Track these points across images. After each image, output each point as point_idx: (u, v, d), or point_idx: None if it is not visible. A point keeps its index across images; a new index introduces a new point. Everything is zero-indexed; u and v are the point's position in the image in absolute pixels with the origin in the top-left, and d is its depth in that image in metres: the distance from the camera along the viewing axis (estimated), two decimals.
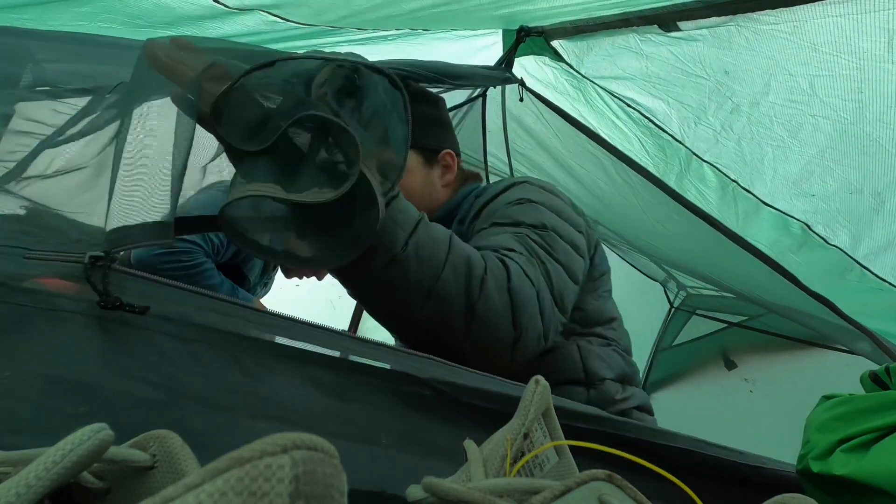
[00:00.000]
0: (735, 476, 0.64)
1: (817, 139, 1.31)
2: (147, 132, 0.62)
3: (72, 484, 0.26)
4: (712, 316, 2.88)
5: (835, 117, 1.22)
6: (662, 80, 1.49)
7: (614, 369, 0.97)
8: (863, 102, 1.14)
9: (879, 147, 1.21)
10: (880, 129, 1.17)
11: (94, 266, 0.47)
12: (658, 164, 1.76)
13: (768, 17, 1.14)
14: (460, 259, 0.70)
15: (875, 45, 1.03)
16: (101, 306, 0.46)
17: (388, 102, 0.60)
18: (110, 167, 0.60)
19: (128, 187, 0.59)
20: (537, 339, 0.76)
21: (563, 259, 0.85)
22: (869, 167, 1.27)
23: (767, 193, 1.57)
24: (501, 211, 0.92)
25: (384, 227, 0.63)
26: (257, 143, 0.56)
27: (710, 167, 1.63)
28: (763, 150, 1.45)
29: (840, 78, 1.13)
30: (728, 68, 1.32)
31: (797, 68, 1.19)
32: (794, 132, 1.33)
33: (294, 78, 0.58)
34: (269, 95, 0.57)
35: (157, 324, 0.48)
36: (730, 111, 1.42)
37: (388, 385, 0.54)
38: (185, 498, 0.15)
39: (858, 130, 1.21)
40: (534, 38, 1.69)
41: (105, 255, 0.48)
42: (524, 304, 0.74)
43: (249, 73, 0.55)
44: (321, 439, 0.18)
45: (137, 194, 0.59)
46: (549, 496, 0.27)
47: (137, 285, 0.50)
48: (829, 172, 1.37)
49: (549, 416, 0.37)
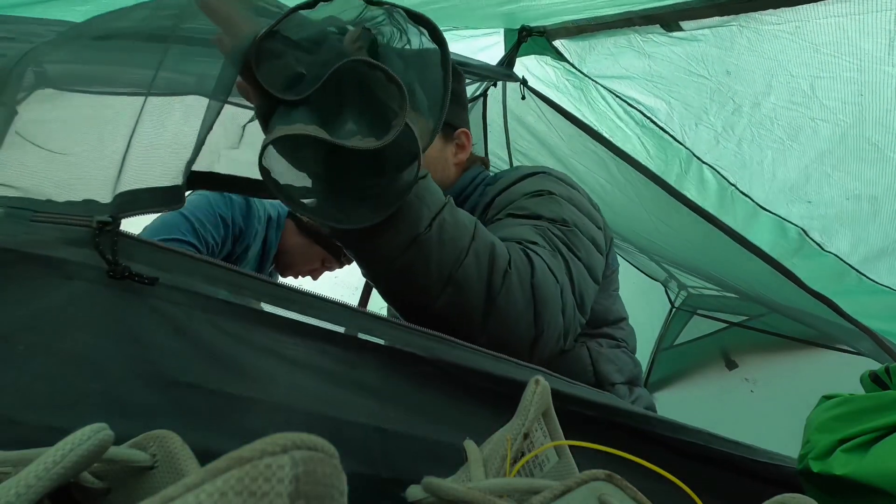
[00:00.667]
0: (741, 468, 0.64)
1: (816, 143, 1.30)
2: (174, 100, 0.61)
3: (72, 484, 0.26)
4: (713, 316, 2.88)
5: (834, 121, 1.22)
6: (664, 79, 1.48)
7: (624, 372, 0.95)
8: (863, 105, 1.14)
9: (878, 152, 1.20)
10: (879, 133, 1.16)
11: (103, 231, 0.47)
12: (658, 166, 1.76)
13: (770, 17, 1.14)
14: (484, 247, 0.66)
15: (876, 47, 1.03)
16: (110, 275, 0.46)
17: (426, 59, 0.56)
18: (131, 127, 0.59)
19: (144, 150, 0.57)
20: (557, 339, 0.73)
21: (585, 257, 0.81)
22: (866, 173, 1.27)
23: (765, 198, 1.58)
24: (519, 202, 0.87)
25: (409, 204, 0.60)
26: (295, 92, 0.53)
27: (710, 170, 1.63)
28: (763, 152, 1.45)
29: (841, 80, 1.13)
30: (730, 68, 1.31)
31: (798, 69, 1.19)
32: (793, 135, 1.33)
33: (331, 25, 0.55)
34: (305, 42, 0.55)
35: (167, 293, 0.48)
36: (731, 112, 1.41)
37: (396, 362, 0.54)
38: (185, 498, 0.15)
39: (857, 134, 1.20)
40: (535, 38, 1.69)
41: (112, 220, 0.48)
42: (547, 301, 0.70)
43: (288, 16, 0.52)
44: (321, 439, 0.18)
45: (153, 159, 0.57)
46: (549, 496, 0.27)
47: (145, 253, 0.50)
48: (827, 178, 1.36)
49: (549, 416, 0.37)
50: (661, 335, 3.16)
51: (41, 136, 0.59)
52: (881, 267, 1.46)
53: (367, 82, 0.55)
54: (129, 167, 0.56)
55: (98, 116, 0.66)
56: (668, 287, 3.10)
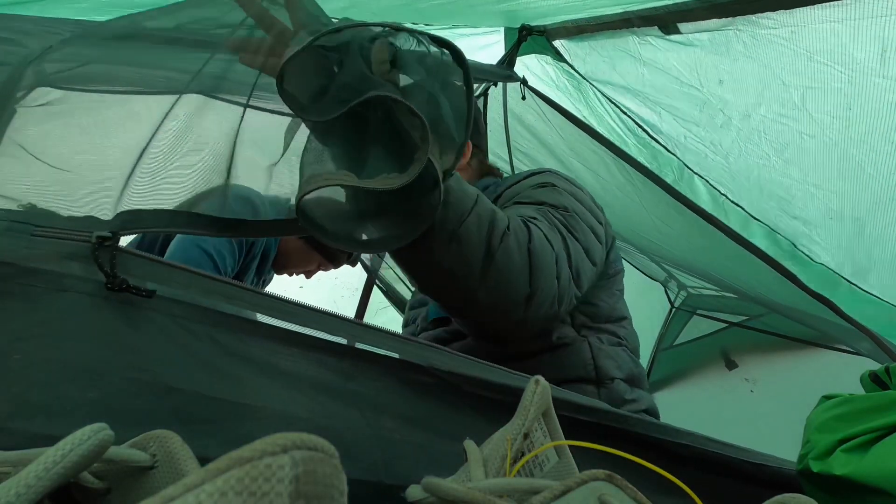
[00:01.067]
0: (737, 471, 0.64)
1: (802, 159, 1.30)
2: (193, 123, 0.64)
3: (72, 484, 0.26)
4: (713, 316, 2.88)
5: (821, 136, 1.21)
6: (657, 89, 1.48)
7: (623, 369, 0.96)
8: (850, 120, 1.13)
9: (860, 170, 1.20)
10: (863, 150, 1.16)
11: (102, 246, 0.47)
12: None
13: (767, 21, 1.14)
14: (485, 211, 0.72)
15: (868, 56, 1.02)
16: (108, 287, 0.46)
17: (449, 78, 0.60)
18: (142, 146, 0.60)
19: (152, 171, 0.59)
20: (551, 301, 0.78)
21: (583, 239, 0.87)
22: (849, 191, 1.27)
23: (756, 210, 1.59)
24: (524, 192, 0.95)
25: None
26: (318, 112, 0.56)
27: (701, 180, 1.65)
28: (749, 167, 1.45)
29: (831, 92, 1.13)
30: (723, 77, 1.31)
31: (791, 78, 1.18)
32: (780, 150, 1.32)
33: (356, 48, 0.58)
34: (330, 65, 0.58)
35: (164, 306, 0.48)
36: (720, 125, 1.41)
37: (392, 372, 0.54)
38: (185, 498, 0.15)
39: (842, 153, 1.20)
40: (535, 37, 1.69)
41: (112, 236, 0.48)
42: (541, 266, 0.75)
43: (317, 39, 0.55)
44: (321, 439, 0.18)
45: (160, 180, 0.60)
46: (549, 496, 0.27)
47: (143, 267, 0.50)
48: (811, 197, 1.37)
49: (549, 416, 0.37)
50: (660, 335, 3.16)
51: (43, 148, 0.59)
52: (872, 280, 1.47)
53: (392, 111, 0.59)
54: (134, 185, 0.57)
55: (108, 125, 0.67)
56: (667, 287, 3.09)
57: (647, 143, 1.71)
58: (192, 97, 0.66)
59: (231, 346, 0.49)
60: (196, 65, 0.67)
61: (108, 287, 0.46)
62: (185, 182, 0.61)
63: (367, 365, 0.54)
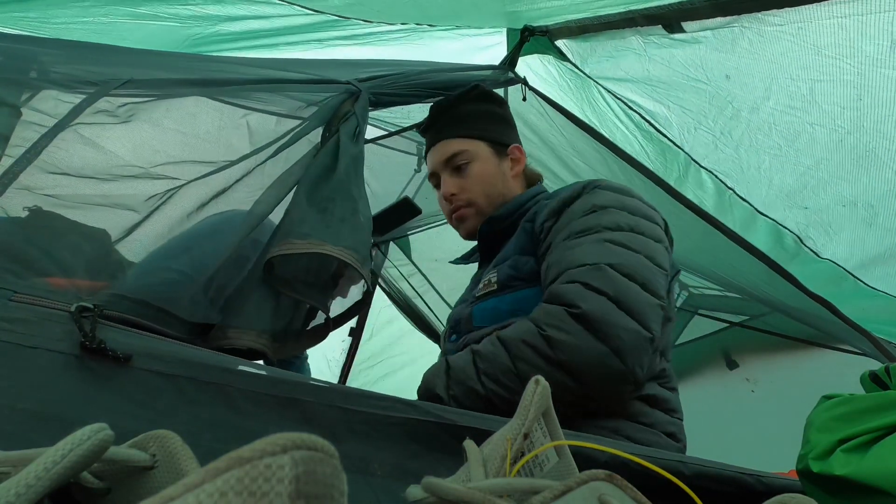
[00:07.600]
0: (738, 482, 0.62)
1: (813, 149, 1.30)
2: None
3: (72, 484, 0.26)
4: (714, 316, 2.87)
5: (832, 126, 1.22)
6: (664, 83, 1.48)
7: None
8: (861, 111, 1.14)
9: (875, 158, 1.20)
10: (877, 139, 1.16)
11: (82, 316, 0.47)
12: (657, 168, 1.76)
13: (773, 18, 1.14)
14: (515, 343, 0.78)
15: (877, 49, 1.03)
16: (84, 347, 0.46)
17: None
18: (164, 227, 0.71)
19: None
20: (636, 338, 0.76)
21: (643, 249, 0.86)
22: (863, 179, 1.27)
23: (763, 203, 1.58)
24: (577, 221, 0.93)
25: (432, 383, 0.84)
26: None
27: (708, 174, 1.64)
28: (760, 158, 1.44)
29: (840, 84, 1.13)
30: (730, 72, 1.31)
31: (799, 72, 1.18)
32: (791, 140, 1.33)
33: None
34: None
35: (141, 360, 0.47)
36: (730, 117, 1.41)
37: (379, 414, 0.53)
38: (185, 498, 0.15)
39: (855, 141, 1.20)
40: (538, 38, 1.68)
41: (93, 308, 0.48)
42: (598, 320, 0.75)
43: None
44: (321, 439, 0.18)
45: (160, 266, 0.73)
46: (549, 496, 0.27)
47: (121, 334, 0.50)
48: (823, 185, 1.37)
49: (549, 416, 0.37)
50: None
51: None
52: (877, 273, 1.46)
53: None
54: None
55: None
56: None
57: (653, 138, 1.69)
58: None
59: (207, 405, 0.48)
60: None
61: (83, 346, 0.45)
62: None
63: (352, 425, 0.52)
